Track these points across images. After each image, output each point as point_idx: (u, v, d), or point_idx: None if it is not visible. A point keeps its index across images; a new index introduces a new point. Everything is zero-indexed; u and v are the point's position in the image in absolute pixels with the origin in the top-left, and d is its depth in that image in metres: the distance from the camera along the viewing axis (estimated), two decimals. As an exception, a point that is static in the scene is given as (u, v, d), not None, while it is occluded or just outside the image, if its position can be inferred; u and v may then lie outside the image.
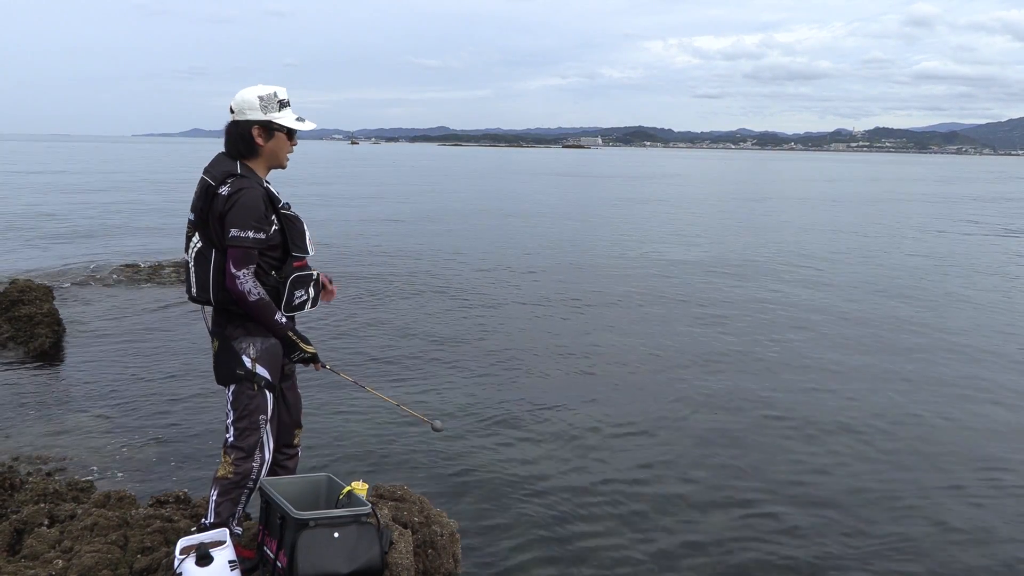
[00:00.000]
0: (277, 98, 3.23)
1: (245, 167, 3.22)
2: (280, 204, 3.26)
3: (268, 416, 3.32)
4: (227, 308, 3.22)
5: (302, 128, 3.30)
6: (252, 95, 3.20)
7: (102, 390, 6.74)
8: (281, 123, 3.23)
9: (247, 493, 3.34)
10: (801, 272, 14.18)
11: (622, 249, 16.90)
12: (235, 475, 3.28)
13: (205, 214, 3.16)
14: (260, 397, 3.28)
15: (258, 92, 3.21)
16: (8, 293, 8.63)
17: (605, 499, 4.94)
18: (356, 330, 9.03)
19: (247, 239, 3.09)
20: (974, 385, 7.52)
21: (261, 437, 3.30)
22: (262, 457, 3.32)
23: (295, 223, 3.30)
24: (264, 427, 3.30)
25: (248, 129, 3.21)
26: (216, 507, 3.30)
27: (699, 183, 49.34)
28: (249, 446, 3.28)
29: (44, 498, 4.11)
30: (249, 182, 3.16)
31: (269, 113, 3.21)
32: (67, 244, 15.43)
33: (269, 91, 3.22)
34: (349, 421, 6.06)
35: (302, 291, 3.32)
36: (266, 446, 3.33)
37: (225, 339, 3.25)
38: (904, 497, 5.10)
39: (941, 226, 23.90)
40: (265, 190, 3.21)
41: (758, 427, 6.29)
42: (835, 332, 9.54)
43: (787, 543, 4.48)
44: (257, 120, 3.21)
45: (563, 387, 7.17)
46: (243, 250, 3.09)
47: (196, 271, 3.22)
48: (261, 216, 3.12)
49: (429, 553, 3.65)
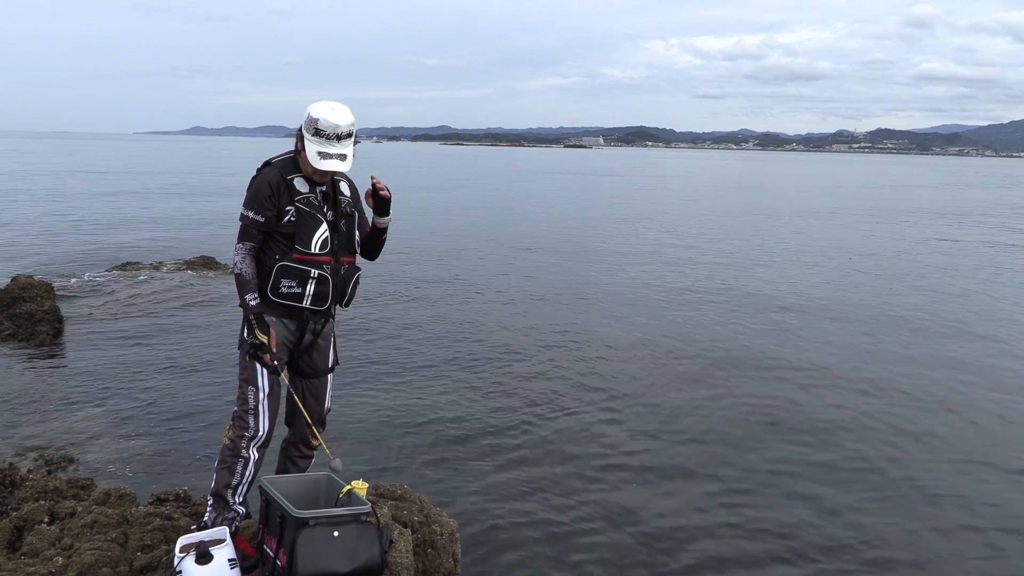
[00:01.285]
0: (316, 125, 3.29)
1: (290, 159, 3.43)
2: (299, 196, 3.37)
3: (259, 389, 3.41)
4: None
5: (314, 164, 3.30)
6: (312, 107, 3.35)
7: (102, 387, 6.74)
8: (301, 145, 3.35)
9: (242, 463, 3.42)
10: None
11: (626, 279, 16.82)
12: (230, 441, 3.44)
13: None
14: (250, 368, 3.43)
15: (314, 109, 3.33)
16: (9, 290, 8.64)
17: (605, 498, 4.94)
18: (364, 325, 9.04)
19: (245, 217, 3.37)
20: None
21: (252, 406, 3.41)
22: (255, 428, 3.41)
23: (308, 219, 3.37)
24: (255, 397, 3.41)
25: (297, 137, 3.40)
26: (216, 473, 3.47)
27: (714, 190, 48.94)
28: (240, 416, 3.43)
29: (44, 495, 4.11)
30: (270, 168, 3.39)
31: (305, 130, 3.34)
32: (68, 242, 15.43)
33: (319, 115, 3.30)
34: (349, 420, 6.06)
35: (291, 281, 3.37)
36: (259, 418, 3.42)
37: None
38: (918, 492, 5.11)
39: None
40: (287, 180, 3.36)
41: (763, 431, 6.29)
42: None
43: (793, 545, 4.49)
44: (301, 128, 3.38)
45: (563, 387, 7.17)
46: (242, 226, 3.38)
47: None
48: (263, 200, 3.33)
49: (429, 552, 3.65)
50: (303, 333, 3.49)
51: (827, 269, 14.86)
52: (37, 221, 18.60)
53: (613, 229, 21.13)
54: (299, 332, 3.49)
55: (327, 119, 3.28)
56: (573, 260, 15.09)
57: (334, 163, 3.30)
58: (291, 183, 3.37)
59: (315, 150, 3.28)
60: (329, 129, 3.27)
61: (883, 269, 15.07)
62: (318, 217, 3.41)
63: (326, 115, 3.28)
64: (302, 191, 3.39)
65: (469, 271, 13.47)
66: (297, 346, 3.51)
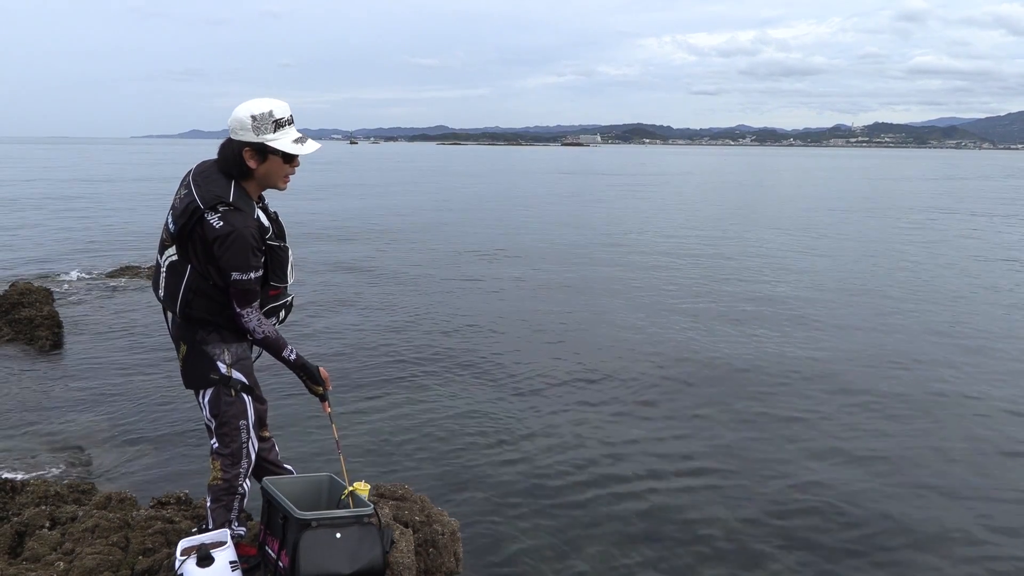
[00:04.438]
0: (272, 117, 2.94)
1: (238, 189, 2.99)
2: (268, 235, 3.09)
3: (249, 420, 3.24)
4: (194, 319, 3.11)
5: (300, 152, 3.02)
6: (245, 113, 2.93)
7: (102, 392, 6.73)
8: (275, 146, 2.96)
9: (239, 498, 3.31)
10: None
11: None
12: (224, 480, 3.24)
13: (186, 231, 2.98)
14: (239, 402, 3.21)
15: (252, 110, 2.93)
16: (8, 295, 8.63)
17: (607, 497, 4.94)
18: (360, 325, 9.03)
19: (249, 280, 2.99)
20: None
21: (244, 442, 3.24)
22: (249, 461, 3.29)
23: (279, 253, 3.17)
24: (246, 432, 3.25)
25: (239, 150, 2.97)
26: (212, 513, 3.30)
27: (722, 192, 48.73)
28: (234, 451, 3.23)
29: (45, 500, 4.11)
30: (241, 218, 2.94)
31: (262, 135, 2.94)
32: (67, 246, 15.43)
33: (265, 109, 2.94)
34: (351, 422, 6.05)
35: (273, 318, 3.27)
36: (251, 450, 3.29)
37: (195, 344, 3.14)
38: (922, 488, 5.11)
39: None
40: (257, 220, 3.03)
41: (772, 431, 6.29)
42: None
43: (798, 549, 4.48)
44: (249, 142, 2.96)
45: (565, 386, 7.16)
46: (240, 291, 3.00)
47: (167, 279, 3.10)
48: (256, 253, 2.99)
49: (430, 552, 3.64)
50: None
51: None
52: (37, 226, 18.59)
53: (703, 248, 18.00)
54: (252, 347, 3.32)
55: (277, 108, 2.96)
56: (611, 263, 15.08)
57: (310, 144, 3.05)
58: (259, 220, 3.04)
59: (289, 140, 2.99)
60: (285, 115, 2.98)
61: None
62: (284, 246, 3.19)
63: (271, 106, 2.96)
64: (266, 224, 3.08)
65: (468, 273, 13.47)
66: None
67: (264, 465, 3.51)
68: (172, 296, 3.09)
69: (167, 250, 3.09)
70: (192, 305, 3.05)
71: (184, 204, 2.99)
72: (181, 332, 3.17)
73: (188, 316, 3.08)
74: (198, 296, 3.04)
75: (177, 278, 3.06)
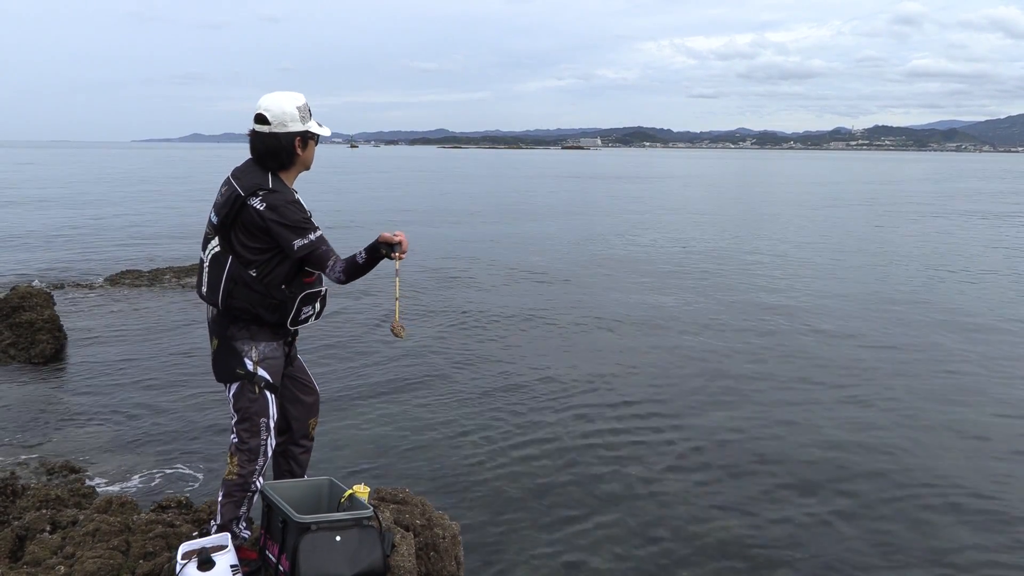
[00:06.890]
0: (308, 107, 3.23)
1: (276, 179, 3.21)
2: (310, 215, 3.24)
3: (270, 419, 3.31)
4: (233, 314, 3.21)
5: (327, 133, 3.30)
6: (291, 106, 3.19)
7: (103, 396, 6.74)
8: (318, 132, 3.26)
9: (250, 496, 3.33)
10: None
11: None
12: (239, 476, 3.29)
13: (229, 220, 3.17)
14: (261, 400, 3.27)
15: (295, 102, 3.20)
16: (9, 299, 8.63)
17: (608, 500, 4.94)
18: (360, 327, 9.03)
19: (312, 242, 3.14)
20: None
21: (264, 440, 3.30)
22: (265, 459, 3.33)
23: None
24: (266, 430, 3.30)
25: (292, 141, 3.20)
26: (221, 508, 3.33)
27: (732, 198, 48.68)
28: (252, 448, 3.28)
29: (46, 504, 4.11)
30: (282, 196, 3.16)
31: (307, 123, 3.23)
32: (68, 250, 15.44)
33: (300, 101, 3.22)
34: (351, 425, 6.06)
35: (309, 307, 3.29)
36: (269, 449, 3.33)
37: (226, 339, 3.25)
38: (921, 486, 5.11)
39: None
40: (297, 200, 3.22)
41: (779, 435, 6.29)
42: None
43: (799, 550, 4.48)
44: (298, 131, 3.20)
45: (566, 391, 7.16)
46: (315, 254, 3.16)
47: (210, 272, 3.23)
48: (308, 217, 3.19)
49: (431, 555, 3.64)
50: (290, 348, 3.41)
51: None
52: (37, 230, 18.60)
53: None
54: (287, 348, 3.39)
55: (303, 98, 3.24)
56: (611, 270, 15.07)
57: (326, 128, 3.31)
58: (300, 202, 3.25)
59: (315, 125, 3.26)
60: (306, 103, 3.25)
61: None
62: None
63: (302, 97, 3.24)
64: (306, 207, 3.27)
65: (467, 274, 13.47)
66: (286, 362, 3.39)
67: (292, 465, 3.54)
68: (214, 289, 3.22)
69: (210, 243, 3.25)
70: (233, 295, 3.18)
71: (226, 197, 3.20)
72: (216, 326, 3.31)
73: (228, 307, 3.20)
74: (239, 285, 3.16)
75: (219, 269, 3.20)
